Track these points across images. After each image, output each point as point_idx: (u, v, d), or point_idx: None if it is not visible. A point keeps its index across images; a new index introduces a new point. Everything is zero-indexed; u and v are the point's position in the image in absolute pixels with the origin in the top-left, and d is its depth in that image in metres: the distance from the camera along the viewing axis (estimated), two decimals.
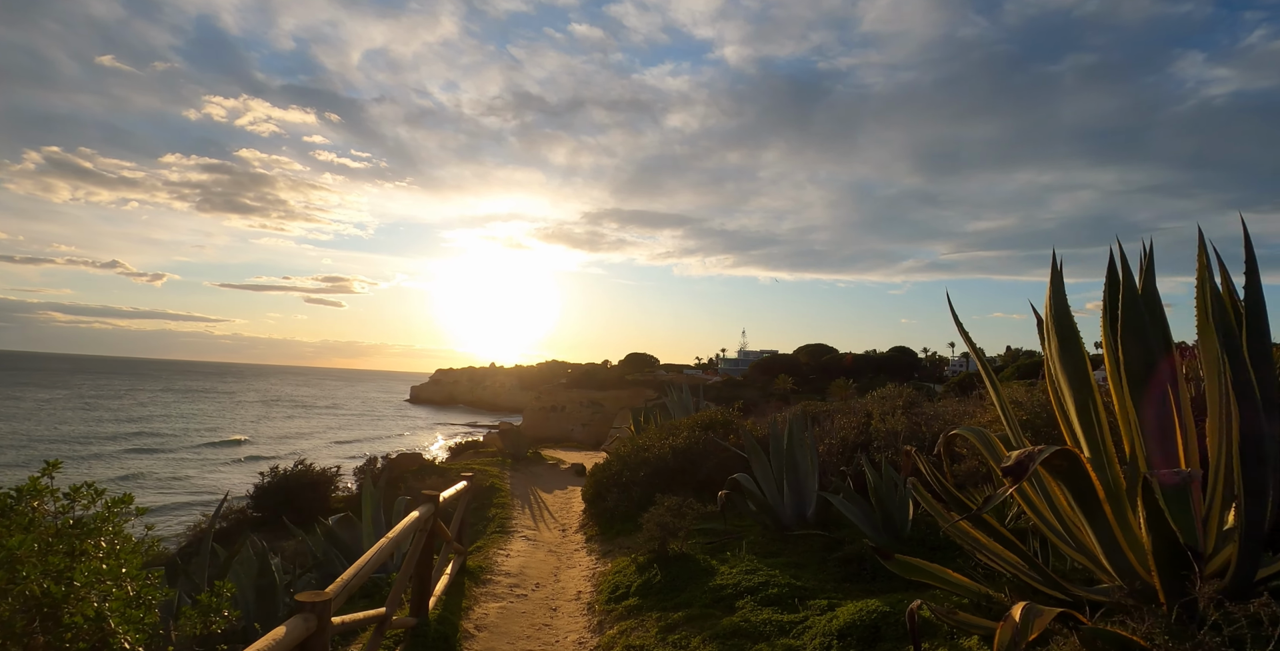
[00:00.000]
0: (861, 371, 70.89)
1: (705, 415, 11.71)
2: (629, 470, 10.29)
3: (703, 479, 9.94)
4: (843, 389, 48.91)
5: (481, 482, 13.55)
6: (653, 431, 12.46)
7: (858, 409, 10.34)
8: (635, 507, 9.66)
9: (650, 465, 10.10)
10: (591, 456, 23.82)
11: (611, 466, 10.85)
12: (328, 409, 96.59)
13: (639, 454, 10.66)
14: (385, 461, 15.62)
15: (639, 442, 11.41)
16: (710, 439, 10.38)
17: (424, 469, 15.49)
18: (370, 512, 8.51)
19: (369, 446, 49.51)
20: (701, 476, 9.94)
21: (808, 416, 11.38)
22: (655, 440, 11.21)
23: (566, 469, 17.94)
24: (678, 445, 10.42)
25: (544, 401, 74.04)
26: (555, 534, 10.61)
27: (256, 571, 6.26)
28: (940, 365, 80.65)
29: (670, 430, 11.76)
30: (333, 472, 14.99)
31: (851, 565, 6.03)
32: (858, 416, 9.77)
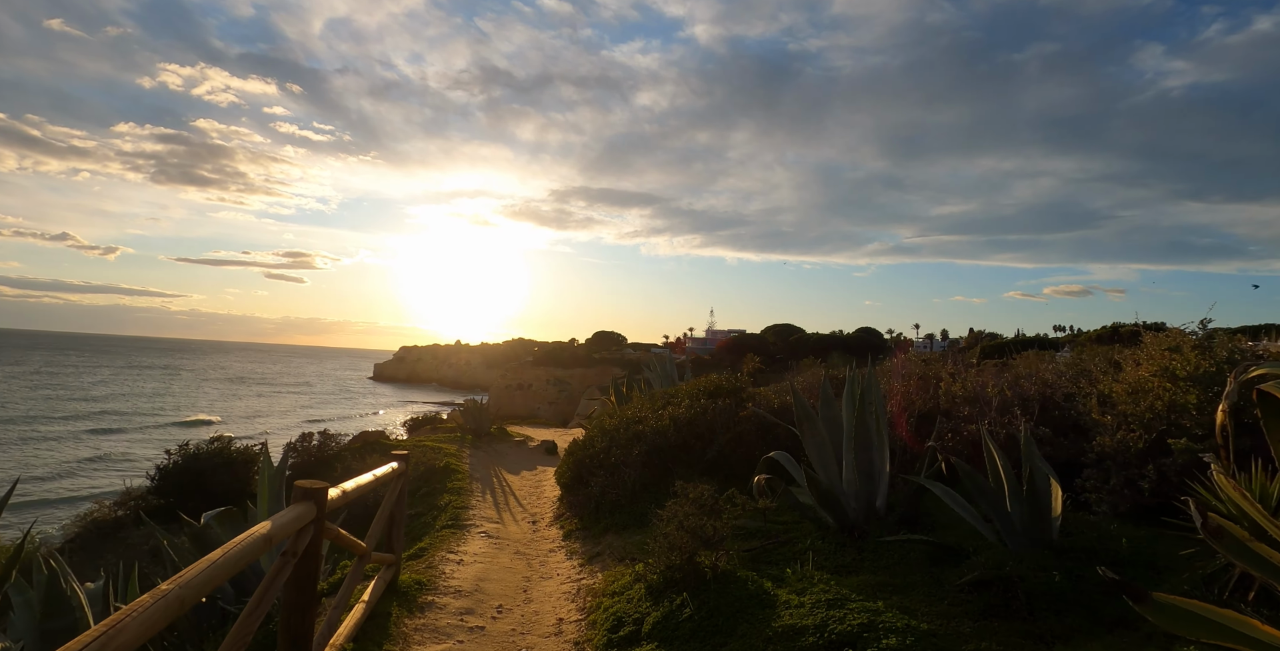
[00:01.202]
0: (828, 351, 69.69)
1: (709, 380, 9.42)
2: (618, 447, 7.97)
3: (713, 458, 7.67)
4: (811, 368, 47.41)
5: (435, 462, 11.11)
6: (641, 401, 10.14)
7: (904, 371, 8.13)
8: (628, 495, 7.37)
9: (646, 440, 7.78)
10: (561, 433, 21.48)
11: (594, 443, 8.51)
12: (293, 386, 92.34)
13: (630, 427, 8.34)
14: (321, 438, 13.08)
15: (628, 414, 9.09)
16: (726, 407, 8.09)
17: (368, 446, 12.96)
18: (267, 505, 6.03)
19: (339, 425, 46.39)
20: (712, 455, 7.67)
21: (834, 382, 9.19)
22: (648, 410, 8.90)
23: (535, 446, 15.56)
24: (679, 415, 8.11)
25: (510, 379, 71.37)
26: (524, 527, 8.26)
27: (40, 609, 3.80)
28: (905, 346, 79.86)
29: (667, 398, 9.45)
30: (256, 449, 12.39)
31: (991, 594, 3.80)
32: (911, 380, 7.56)
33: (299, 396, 76.37)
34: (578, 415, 50.17)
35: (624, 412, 9.28)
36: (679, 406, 8.55)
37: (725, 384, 9.30)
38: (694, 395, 9.05)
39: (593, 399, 53.04)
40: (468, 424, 15.67)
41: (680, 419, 8.04)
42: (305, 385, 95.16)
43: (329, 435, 13.24)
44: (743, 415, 7.93)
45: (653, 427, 7.88)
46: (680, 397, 9.18)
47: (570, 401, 61.76)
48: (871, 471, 5.29)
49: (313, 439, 13.09)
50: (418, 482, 10.46)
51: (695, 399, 8.84)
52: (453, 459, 11.60)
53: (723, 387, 9.16)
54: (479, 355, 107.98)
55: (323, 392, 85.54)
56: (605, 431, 8.64)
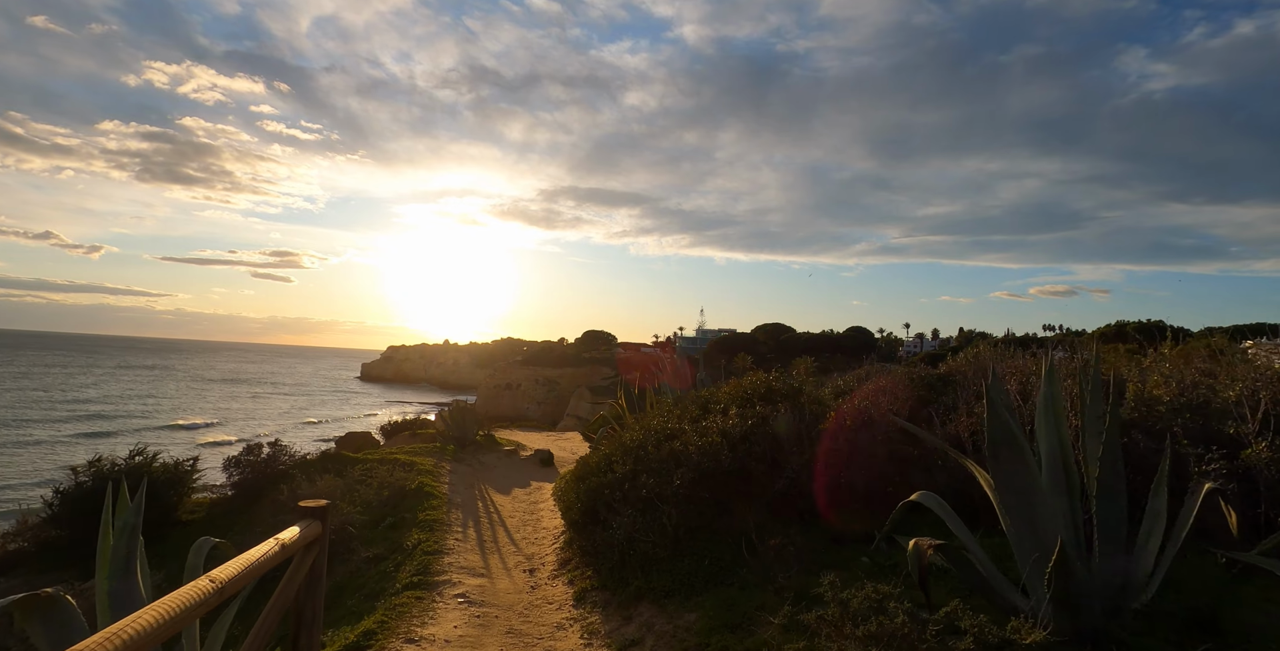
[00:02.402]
0: (819, 351, 67.89)
1: (757, 380, 7.12)
2: (649, 473, 5.65)
3: (784, 489, 5.38)
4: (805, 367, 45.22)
5: (405, 484, 8.74)
6: (665, 407, 7.83)
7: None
8: (669, 544, 5.08)
9: (689, 464, 5.46)
10: (554, 439, 19.15)
11: (613, 466, 6.19)
12: (282, 387, 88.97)
13: (662, 444, 6.02)
14: (271, 450, 10.63)
15: (654, 424, 6.77)
16: (794, 416, 5.79)
17: (307, 464, 10.50)
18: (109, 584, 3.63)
19: (332, 428, 43.76)
20: (783, 485, 5.37)
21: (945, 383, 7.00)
22: (682, 420, 6.59)
23: (528, 456, 13.22)
24: (731, 429, 5.81)
25: (498, 379, 68.80)
26: (519, 580, 5.94)
27: None
28: (895, 345, 78.13)
29: (702, 404, 7.15)
30: (187, 466, 9.95)
31: None
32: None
33: (292, 398, 73.11)
34: (568, 415, 47.88)
35: (649, 423, 6.97)
36: (725, 415, 6.25)
37: (778, 384, 7.01)
38: (742, 399, 6.77)
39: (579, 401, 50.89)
40: (450, 431, 13.30)
41: (732, 433, 5.74)
42: (294, 385, 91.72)
43: (279, 447, 10.81)
44: (824, 428, 5.64)
45: (698, 446, 5.57)
46: (721, 403, 6.88)
47: (559, 401, 59.38)
48: (1119, 534, 3.03)
49: (260, 451, 10.67)
50: (382, 511, 8.11)
51: (747, 405, 6.55)
52: (428, 478, 9.23)
53: (776, 389, 6.87)
54: (467, 355, 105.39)
55: (309, 392, 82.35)
56: (627, 449, 6.32)
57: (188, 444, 36.40)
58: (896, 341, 79.81)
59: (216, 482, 11.77)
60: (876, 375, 8.72)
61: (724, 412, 6.48)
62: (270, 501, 9.10)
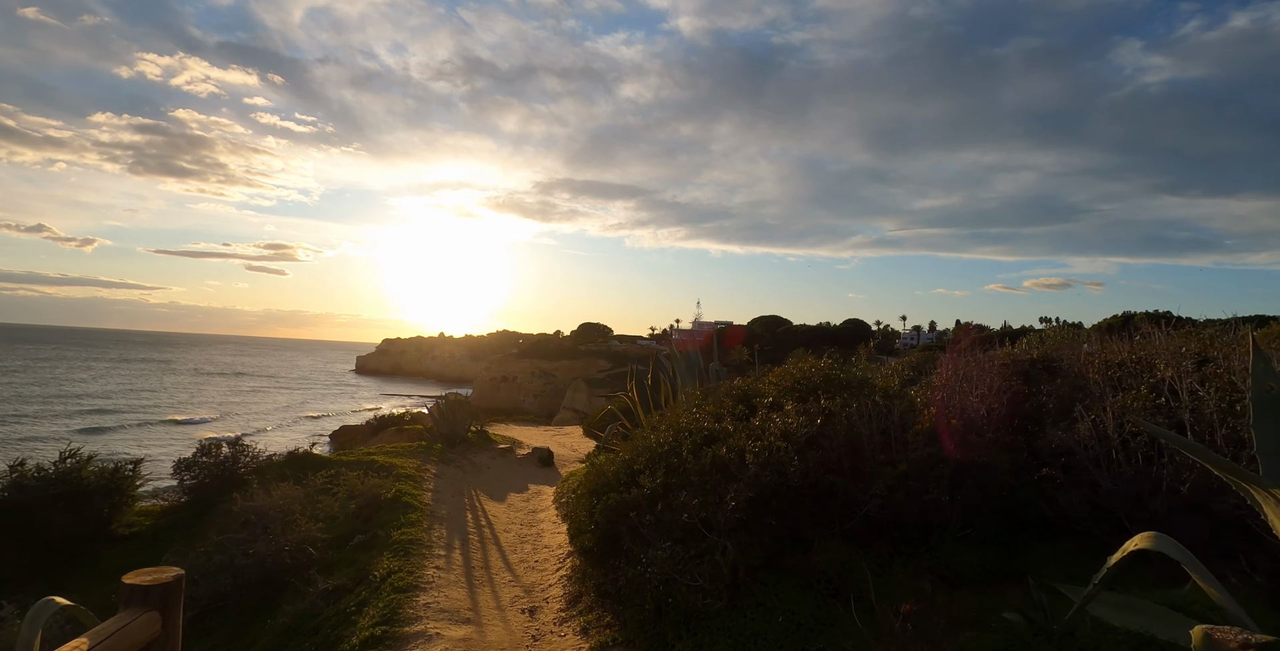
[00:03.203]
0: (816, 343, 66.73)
1: (808, 367, 5.67)
2: (690, 489, 4.20)
3: (875, 512, 3.94)
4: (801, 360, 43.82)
5: (380, 493, 7.27)
6: (696, 402, 6.35)
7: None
8: (724, 589, 3.65)
9: (747, 478, 4.02)
10: (553, 434, 17.71)
11: (638, 477, 4.73)
12: (272, 380, 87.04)
13: (702, 450, 4.56)
14: (232, 450, 9.16)
15: (683, 422, 5.31)
16: (874, 413, 4.34)
17: (270, 467, 8.99)
18: None
19: (332, 422, 42.20)
20: (873, 507, 3.93)
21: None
22: (715, 418, 5.14)
23: (525, 455, 11.77)
24: (794, 430, 4.36)
25: (494, 371, 67.27)
26: (515, 628, 4.50)
27: None
28: (892, 338, 76.94)
29: (741, 397, 5.69)
30: (128, 469, 8.46)
31: None
32: None
33: (291, 392, 71.24)
34: (564, 407, 46.46)
35: (678, 420, 5.51)
36: (781, 412, 4.80)
37: (835, 372, 5.56)
38: (796, 391, 5.32)
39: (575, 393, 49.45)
40: (439, 428, 11.82)
41: (797, 436, 4.29)
42: (292, 379, 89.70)
43: (240, 447, 9.32)
44: (921, 429, 4.20)
45: (755, 453, 4.12)
46: (767, 396, 5.43)
47: (556, 394, 57.95)
48: None
49: (218, 452, 9.19)
50: (351, 526, 6.66)
51: (804, 398, 5.11)
52: (408, 485, 7.76)
53: (838, 379, 5.43)
54: (463, 347, 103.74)
55: (306, 386, 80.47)
56: (654, 456, 4.86)
57: (187, 440, 34.85)
58: (893, 334, 78.63)
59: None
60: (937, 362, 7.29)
61: (775, 408, 5.03)
62: (224, 511, 7.64)
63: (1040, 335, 8.97)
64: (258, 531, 6.65)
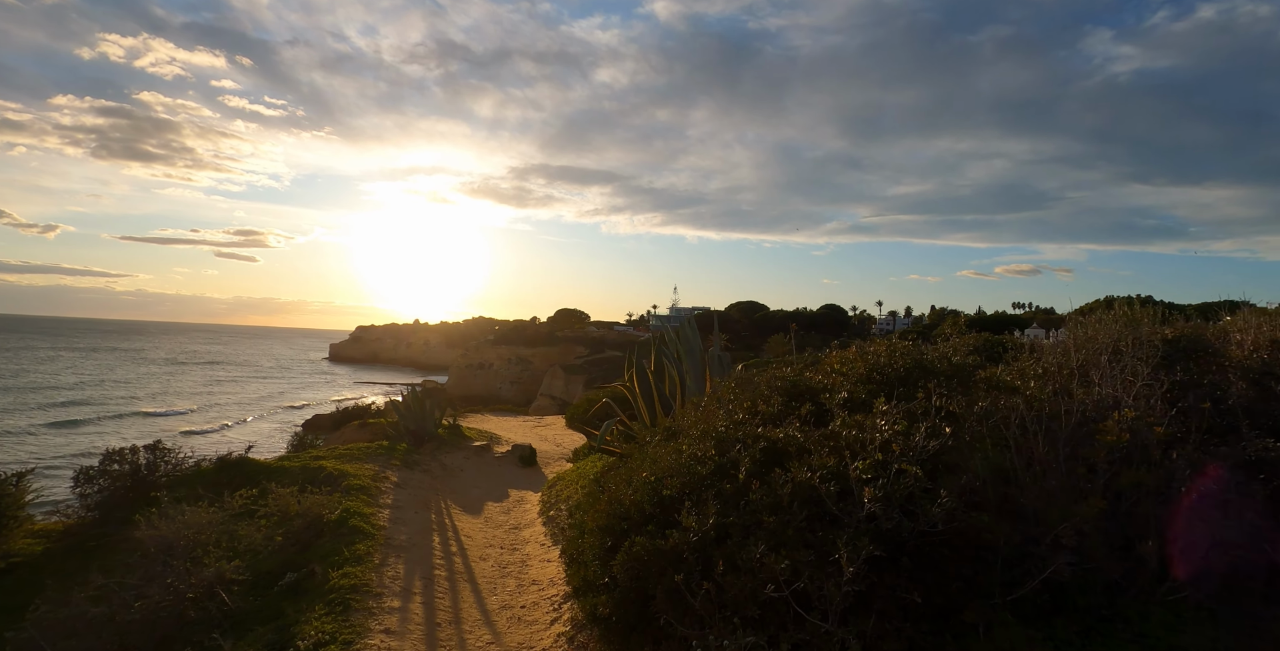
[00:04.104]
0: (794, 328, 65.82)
1: (893, 348, 4.18)
2: (767, 537, 2.69)
3: (1067, 574, 2.47)
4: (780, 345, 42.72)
5: (323, 512, 5.66)
6: (731, 397, 4.81)
7: None
8: None
9: (857, 522, 2.53)
10: (532, 426, 16.15)
11: (681, 516, 3.20)
12: (242, 368, 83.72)
13: (772, 471, 3.04)
14: (150, 456, 7.47)
15: (722, 429, 3.78)
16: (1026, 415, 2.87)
17: (195, 476, 7.31)
18: None
19: (308, 413, 40.01)
20: (1061, 566, 2.45)
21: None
22: (790, 425, 3.64)
23: (503, 454, 10.21)
24: (917, 445, 2.86)
25: (470, 358, 65.25)
26: None
27: None
28: (868, 323, 76.35)
29: (790, 391, 4.18)
30: (11, 484, 6.72)
31: None
32: None
33: (270, 382, 68.17)
34: (541, 394, 44.80)
35: (714, 424, 3.97)
36: (877, 416, 3.29)
37: (932, 360, 4.08)
38: (878, 383, 3.82)
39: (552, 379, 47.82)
40: (405, 423, 10.19)
41: (921, 452, 2.81)
42: (267, 368, 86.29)
43: (160, 451, 7.62)
44: (1111, 441, 2.75)
45: (869, 478, 2.62)
46: (837, 387, 3.93)
47: (533, 380, 56.23)
48: None
49: (133, 457, 7.48)
50: (280, 560, 5.06)
51: (891, 393, 3.61)
52: (359, 501, 6.12)
53: (929, 366, 3.94)
54: (439, 334, 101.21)
55: (280, 376, 77.39)
56: (694, 477, 3.33)
57: (165, 433, 32.55)
58: (869, 319, 78.05)
59: None
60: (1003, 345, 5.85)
61: (857, 407, 3.54)
62: (125, 539, 5.98)
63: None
64: (157, 569, 5.03)
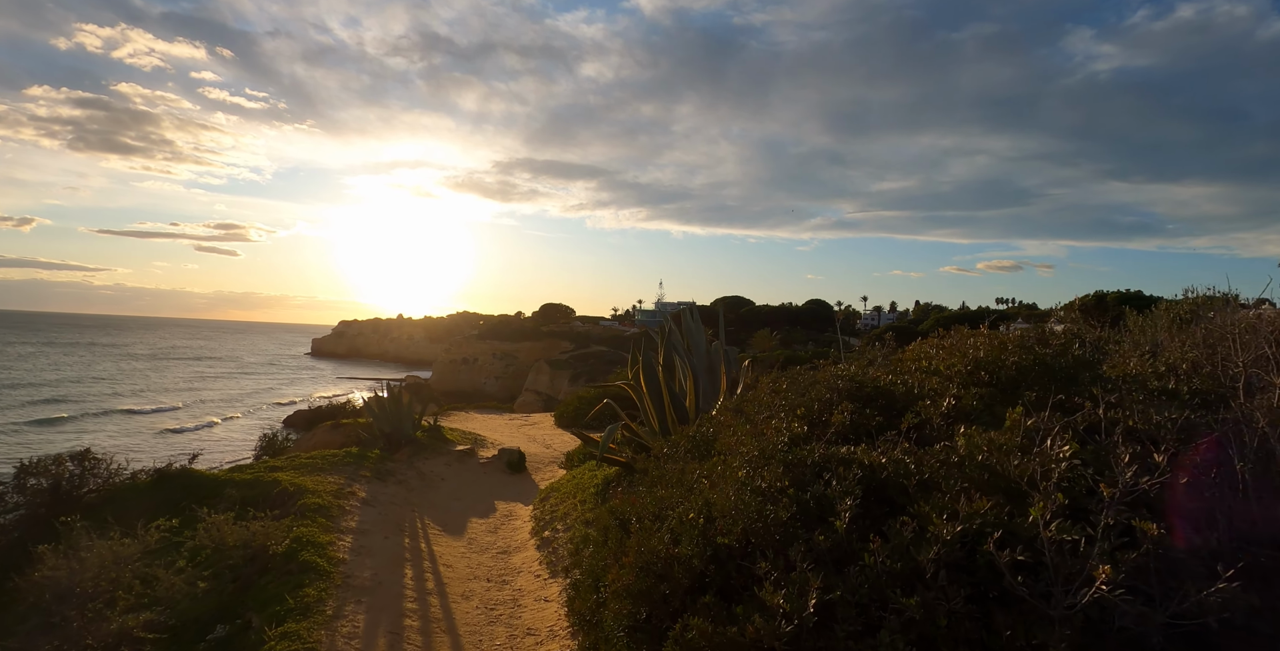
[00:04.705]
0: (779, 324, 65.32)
1: (1006, 342, 3.22)
2: (906, 632, 1.70)
3: None
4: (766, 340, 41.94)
5: (269, 545, 4.59)
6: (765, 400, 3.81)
7: None
8: None
9: (1065, 618, 1.55)
10: (519, 425, 15.10)
11: (764, 593, 2.19)
12: (224, 363, 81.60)
13: (893, 520, 2.05)
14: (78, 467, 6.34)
15: (777, 445, 2.78)
16: None
17: (129, 491, 6.14)
18: None
19: (289, 411, 38.59)
20: None
21: None
22: (895, 446, 2.64)
23: (489, 459, 9.14)
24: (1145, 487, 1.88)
25: (454, 353, 63.88)
26: None
27: None
28: (853, 319, 75.94)
29: (846, 393, 3.18)
30: None
31: None
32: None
33: (258, 377, 66.23)
34: (526, 389, 43.69)
35: (771, 441, 2.95)
36: (1011, 433, 2.30)
37: (1045, 352, 3.09)
38: (985, 384, 2.83)
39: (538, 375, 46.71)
40: (379, 425, 9.09)
41: (1132, 490, 1.84)
42: (255, 364, 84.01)
43: (90, 461, 6.47)
44: None
45: (1104, 547, 1.65)
46: (940, 391, 2.93)
47: (518, 376, 55.05)
48: None
49: (58, 469, 6.33)
50: (207, 610, 3.99)
51: (1012, 398, 2.61)
52: (315, 527, 5.02)
53: (1049, 364, 2.95)
54: (422, 329, 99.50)
55: (261, 371, 75.38)
56: (765, 522, 2.32)
57: (150, 431, 31.03)
58: (854, 314, 77.66)
59: None
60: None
61: (964, 419, 2.55)
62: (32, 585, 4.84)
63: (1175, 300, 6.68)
64: (54, 622, 3.95)
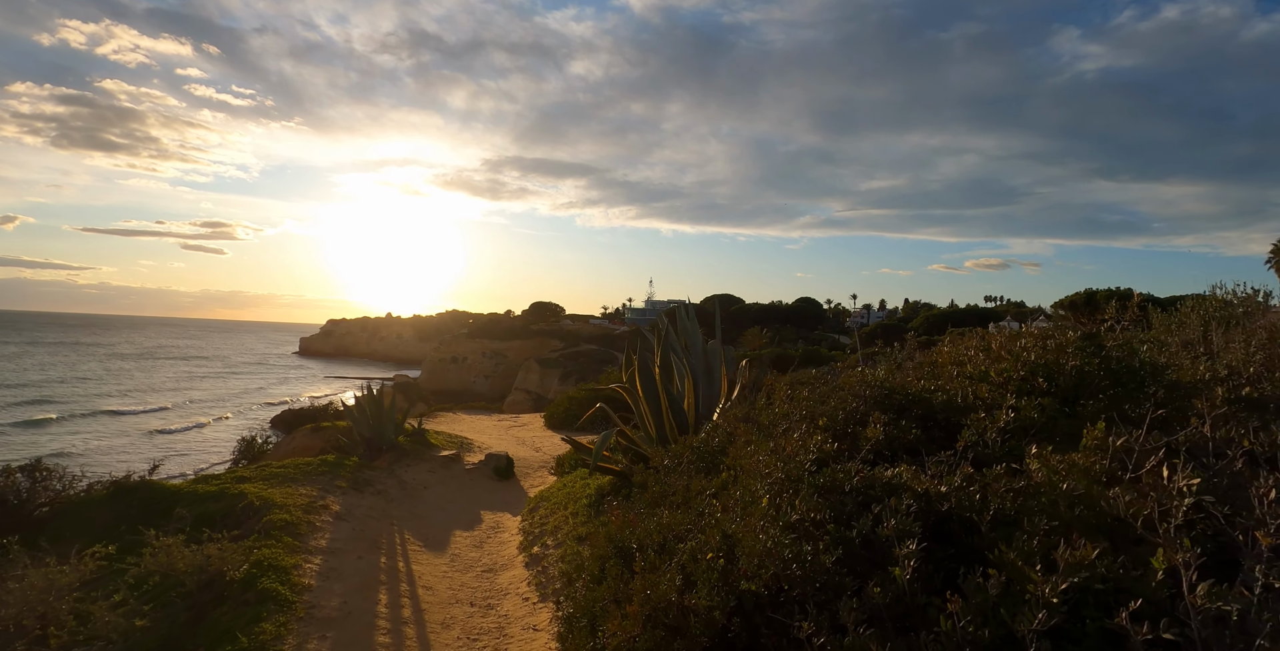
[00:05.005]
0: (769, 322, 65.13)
1: (1064, 341, 2.82)
2: None
3: None
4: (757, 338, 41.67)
5: (225, 570, 4.13)
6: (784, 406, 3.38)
7: None
8: None
9: None
10: (509, 427, 14.64)
11: None
12: (221, 361, 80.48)
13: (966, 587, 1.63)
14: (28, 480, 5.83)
15: (800, 459, 2.37)
16: None
17: (83, 504, 5.65)
18: None
19: (278, 411, 37.93)
20: None
21: None
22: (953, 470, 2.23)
23: (476, 465, 8.68)
24: None
25: (443, 352, 63.19)
26: None
27: None
28: (842, 316, 75.79)
29: (880, 402, 2.76)
30: None
31: None
32: None
33: (248, 377, 65.14)
34: (516, 388, 43.18)
35: (797, 459, 2.53)
36: (1089, 454, 1.90)
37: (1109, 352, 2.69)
38: (1052, 391, 2.42)
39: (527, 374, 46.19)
40: (359, 430, 8.61)
41: None
42: (245, 363, 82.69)
43: (42, 473, 5.96)
44: None
45: None
46: (991, 400, 2.52)
47: (508, 374, 54.50)
48: None
49: (9, 479, 5.83)
50: (157, 644, 3.50)
51: (1075, 408, 2.21)
52: (279, 548, 4.55)
53: (1112, 365, 2.55)
54: (411, 328, 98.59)
55: (256, 369, 74.30)
56: (800, 564, 1.90)
57: (139, 432, 30.21)
58: (843, 312, 77.52)
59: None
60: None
61: (1024, 434, 2.14)
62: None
63: None
64: None
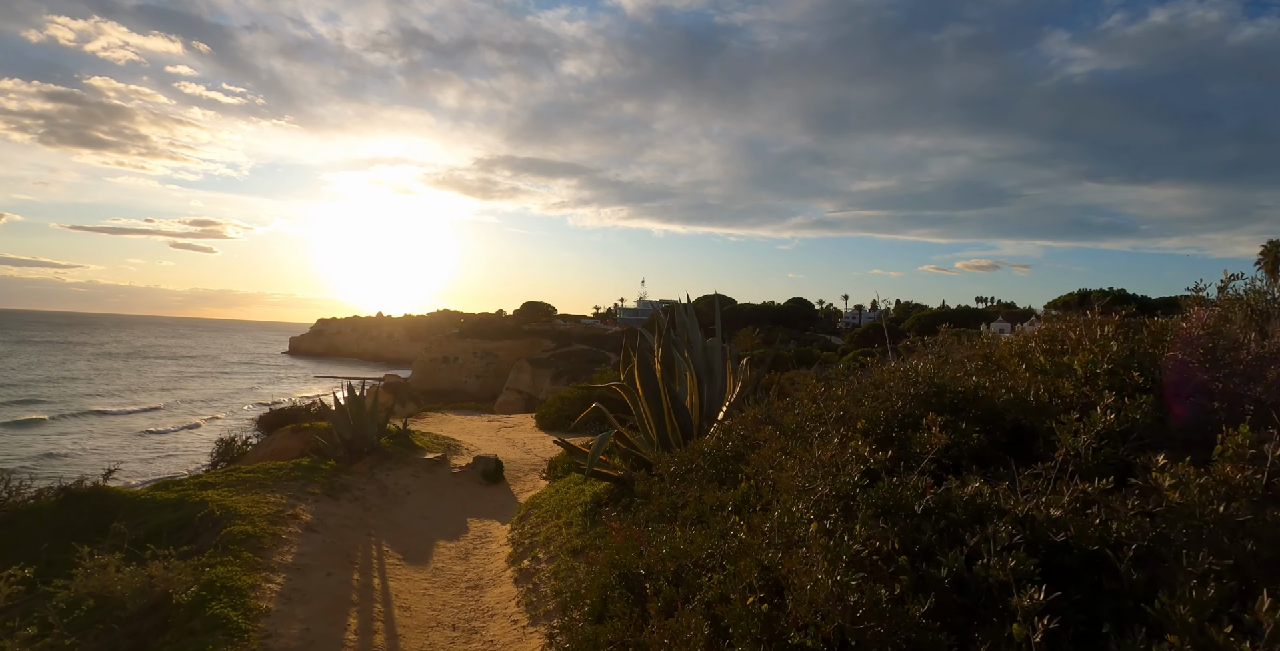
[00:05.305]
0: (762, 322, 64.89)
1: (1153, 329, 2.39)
2: None
3: None
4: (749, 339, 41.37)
5: (172, 594, 3.63)
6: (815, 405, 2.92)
7: None
8: None
9: None
10: (498, 428, 14.12)
11: None
12: (211, 360, 79.32)
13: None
14: None
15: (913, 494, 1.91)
16: None
17: (32, 512, 5.11)
18: None
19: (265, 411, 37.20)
20: None
21: None
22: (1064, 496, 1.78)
23: (464, 468, 8.17)
24: None
25: (434, 352, 62.52)
26: None
27: None
28: (834, 317, 75.62)
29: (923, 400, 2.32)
30: None
31: None
32: None
33: (239, 376, 64.13)
34: (507, 388, 42.59)
35: (846, 474, 2.08)
36: (1227, 464, 1.45)
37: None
38: (1131, 388, 1.97)
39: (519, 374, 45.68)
40: (340, 431, 8.08)
41: None
42: (236, 363, 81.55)
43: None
44: None
45: None
46: (1074, 398, 2.07)
47: (498, 374, 53.94)
48: None
49: None
50: None
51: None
52: (236, 565, 4.04)
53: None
54: (402, 327, 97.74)
55: (247, 369, 73.23)
56: (873, 610, 1.46)
57: (129, 432, 29.41)
58: (835, 313, 77.36)
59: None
60: None
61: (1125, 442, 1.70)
62: None
63: None
64: None
